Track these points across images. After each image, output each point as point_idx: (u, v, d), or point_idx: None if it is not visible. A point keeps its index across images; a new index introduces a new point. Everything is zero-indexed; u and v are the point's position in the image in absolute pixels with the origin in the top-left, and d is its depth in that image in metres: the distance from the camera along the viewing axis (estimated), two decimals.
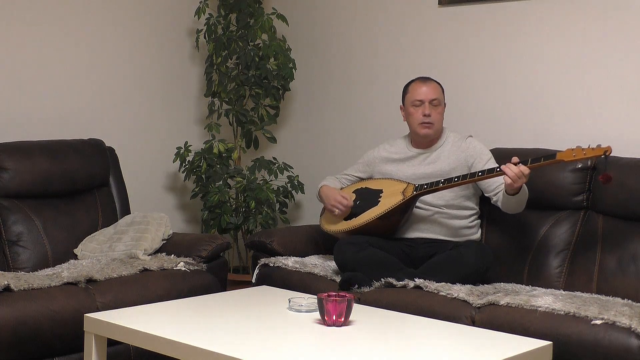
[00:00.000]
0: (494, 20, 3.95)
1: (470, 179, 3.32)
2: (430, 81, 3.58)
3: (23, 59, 4.01)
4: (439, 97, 3.54)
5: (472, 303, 2.95)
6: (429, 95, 3.52)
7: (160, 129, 4.63)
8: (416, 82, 3.59)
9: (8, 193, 3.65)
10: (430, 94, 3.52)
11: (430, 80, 3.58)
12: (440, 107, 3.55)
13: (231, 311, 2.85)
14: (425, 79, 3.59)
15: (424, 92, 3.53)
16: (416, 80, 3.60)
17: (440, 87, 3.58)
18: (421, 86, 3.55)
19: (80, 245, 3.71)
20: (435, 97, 3.52)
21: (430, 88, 3.54)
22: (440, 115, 3.55)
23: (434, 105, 3.52)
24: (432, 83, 3.57)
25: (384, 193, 3.50)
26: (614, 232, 3.30)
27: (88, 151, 3.91)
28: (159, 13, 4.58)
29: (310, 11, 4.69)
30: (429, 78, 3.60)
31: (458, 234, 3.49)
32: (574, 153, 3.09)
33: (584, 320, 2.69)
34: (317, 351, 2.40)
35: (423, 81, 3.58)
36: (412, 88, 3.58)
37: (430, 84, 3.56)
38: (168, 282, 3.37)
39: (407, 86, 3.62)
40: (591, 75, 3.66)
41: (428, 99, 3.51)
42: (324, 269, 3.48)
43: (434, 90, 3.54)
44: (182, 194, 4.75)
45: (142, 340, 2.57)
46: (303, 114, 4.77)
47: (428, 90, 3.53)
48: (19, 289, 3.01)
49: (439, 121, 3.54)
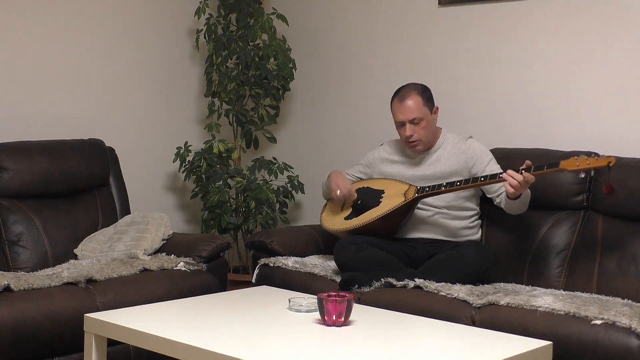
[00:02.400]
0: (493, 20, 3.95)
1: (472, 184, 3.30)
2: (406, 99, 3.42)
3: (23, 59, 4.01)
4: (418, 115, 3.40)
5: (472, 303, 2.95)
6: (407, 116, 3.41)
7: (160, 129, 4.63)
8: (395, 101, 3.46)
9: (8, 193, 3.65)
10: (409, 113, 3.40)
11: (407, 98, 3.42)
12: (424, 121, 3.42)
13: (231, 311, 2.85)
14: (402, 96, 3.44)
15: (402, 113, 3.42)
16: (395, 98, 3.47)
17: (420, 100, 3.42)
18: (398, 107, 3.43)
19: (80, 245, 3.71)
20: (414, 116, 3.40)
21: (407, 107, 3.41)
22: (425, 129, 3.44)
23: (415, 123, 3.42)
24: (409, 101, 3.42)
25: (386, 194, 3.50)
26: (614, 232, 3.30)
27: (88, 151, 3.91)
28: (159, 13, 4.58)
29: (310, 11, 4.69)
30: (407, 93, 3.43)
31: (458, 234, 3.48)
32: (577, 162, 3.06)
33: (584, 320, 2.69)
34: (317, 351, 2.40)
35: (400, 100, 3.44)
36: (393, 108, 3.47)
37: (406, 102, 3.41)
38: (168, 282, 3.37)
39: (391, 103, 3.50)
40: (591, 75, 3.66)
41: (407, 120, 3.42)
42: (324, 269, 3.48)
43: (411, 110, 3.40)
44: (182, 194, 4.75)
45: (142, 340, 2.57)
46: (303, 114, 4.77)
47: (405, 110, 3.41)
48: (19, 289, 3.01)
49: (425, 135, 3.45)
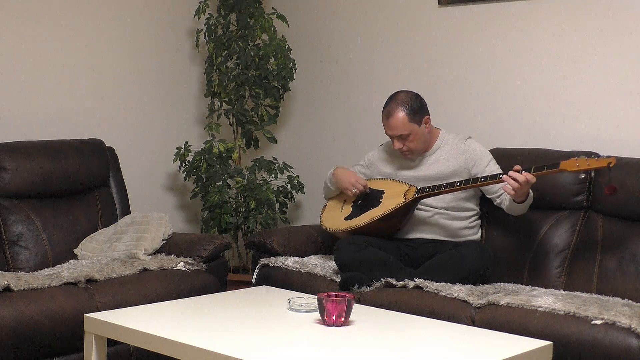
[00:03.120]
0: (494, 20, 3.95)
1: (472, 184, 3.30)
2: (391, 116, 3.41)
3: (23, 59, 4.01)
4: (404, 132, 3.40)
5: (472, 303, 2.95)
6: (394, 132, 3.43)
7: (160, 129, 4.63)
8: (383, 115, 3.46)
9: (8, 193, 3.65)
10: (395, 130, 3.42)
11: (392, 114, 3.41)
12: (412, 136, 3.41)
13: (231, 311, 2.85)
14: (388, 112, 3.43)
15: (388, 128, 3.44)
16: (383, 111, 3.46)
17: (405, 117, 3.39)
18: (385, 122, 3.45)
19: (80, 245, 3.71)
20: (400, 133, 3.41)
21: (393, 125, 3.41)
22: (414, 142, 3.44)
23: (403, 138, 3.43)
24: (392, 119, 3.41)
25: (386, 194, 3.49)
26: (614, 232, 3.30)
27: (88, 151, 3.91)
28: (159, 13, 4.58)
29: (310, 11, 4.69)
30: (393, 109, 3.41)
31: (458, 234, 3.48)
32: (577, 163, 3.07)
33: (584, 320, 2.69)
34: (317, 351, 2.40)
35: (386, 116, 3.44)
36: (382, 120, 3.47)
37: (391, 119, 3.41)
38: (168, 282, 3.37)
39: (382, 111, 3.50)
40: (591, 75, 3.66)
41: (395, 136, 3.44)
42: (324, 269, 3.48)
43: (397, 127, 3.41)
44: (182, 194, 4.75)
45: (142, 340, 2.57)
46: (303, 114, 4.77)
47: (391, 126, 3.42)
48: (19, 289, 3.01)
49: (415, 145, 3.45)
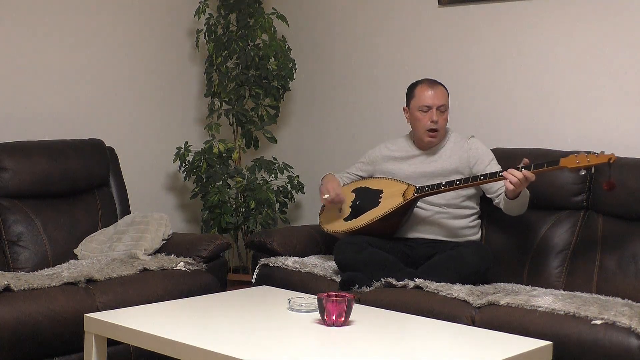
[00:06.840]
0: (494, 20, 3.95)
1: (472, 183, 3.30)
2: (437, 85, 3.47)
3: (23, 59, 4.01)
4: (446, 103, 3.45)
5: (472, 303, 2.95)
6: (436, 102, 3.42)
7: (160, 129, 4.62)
8: (423, 85, 3.47)
9: (8, 193, 3.65)
10: (438, 100, 3.43)
11: (438, 85, 3.47)
12: (446, 113, 3.47)
13: (231, 311, 2.85)
14: (432, 82, 3.48)
15: (431, 97, 3.43)
16: (423, 83, 3.48)
17: (446, 92, 3.48)
18: (428, 90, 3.44)
19: (80, 245, 3.71)
20: (443, 103, 3.43)
21: (438, 93, 3.44)
22: (445, 121, 3.48)
23: (441, 111, 3.44)
24: (440, 88, 3.46)
25: (384, 194, 3.49)
26: (614, 232, 3.29)
27: (88, 151, 3.91)
28: (159, 13, 4.57)
29: (310, 11, 4.69)
30: (436, 82, 3.49)
31: (458, 234, 3.48)
32: (577, 160, 3.05)
33: (584, 320, 2.69)
34: (317, 351, 2.40)
35: (430, 85, 3.46)
36: (419, 91, 3.46)
37: (437, 88, 3.45)
38: (168, 282, 3.37)
39: (414, 88, 3.50)
40: (592, 75, 3.66)
41: (435, 106, 3.42)
42: (324, 269, 3.48)
43: (441, 96, 3.44)
44: (182, 194, 4.75)
45: (142, 340, 2.57)
46: (303, 114, 4.77)
47: (435, 95, 3.43)
48: (19, 289, 3.01)
49: (443, 127, 3.49)
